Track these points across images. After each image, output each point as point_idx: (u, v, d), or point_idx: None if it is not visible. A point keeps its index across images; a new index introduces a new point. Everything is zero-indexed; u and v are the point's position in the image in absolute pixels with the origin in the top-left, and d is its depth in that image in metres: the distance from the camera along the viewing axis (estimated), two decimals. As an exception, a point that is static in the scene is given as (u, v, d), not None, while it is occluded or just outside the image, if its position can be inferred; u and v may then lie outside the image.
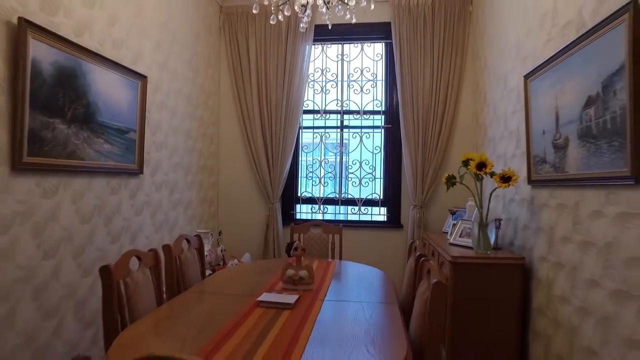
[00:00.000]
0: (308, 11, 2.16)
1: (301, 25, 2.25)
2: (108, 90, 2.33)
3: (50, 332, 1.95)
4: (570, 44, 1.89)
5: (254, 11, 2.09)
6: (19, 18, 1.70)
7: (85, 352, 2.18)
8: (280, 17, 2.20)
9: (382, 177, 3.93)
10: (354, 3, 2.13)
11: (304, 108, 3.94)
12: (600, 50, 1.66)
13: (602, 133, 1.66)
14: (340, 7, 2.15)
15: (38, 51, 1.82)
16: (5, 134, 1.70)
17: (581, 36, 1.79)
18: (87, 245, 2.21)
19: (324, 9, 2.11)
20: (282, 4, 2.15)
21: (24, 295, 1.81)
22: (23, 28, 1.72)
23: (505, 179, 2.33)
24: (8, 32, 1.69)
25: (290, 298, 1.66)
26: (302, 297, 1.73)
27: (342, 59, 3.99)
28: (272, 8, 2.15)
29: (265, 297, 1.68)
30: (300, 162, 4.07)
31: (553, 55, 2.06)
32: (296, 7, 2.07)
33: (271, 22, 2.18)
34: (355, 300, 1.79)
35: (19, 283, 1.77)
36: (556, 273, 2.06)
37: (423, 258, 1.69)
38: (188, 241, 2.18)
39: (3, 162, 1.69)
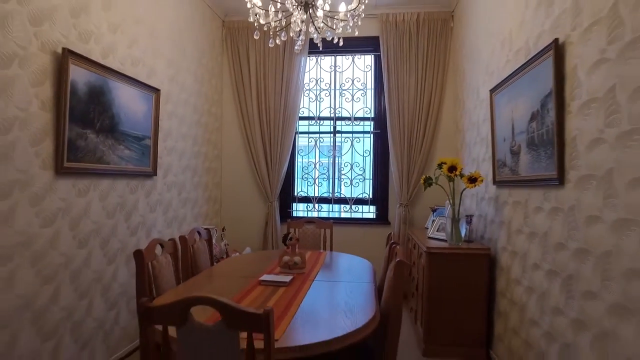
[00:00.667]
0: (302, 36, 2.52)
1: (296, 47, 2.61)
2: (128, 103, 2.69)
3: (83, 310, 2.31)
4: (520, 67, 2.25)
5: (255, 37, 2.45)
6: (63, 49, 2.06)
7: (106, 333, 2.53)
8: (277, 41, 2.56)
9: (371, 178, 4.30)
10: (340, 30, 2.49)
11: (300, 115, 4.30)
12: (539, 75, 2.03)
13: (540, 143, 2.03)
14: (329, 32, 2.51)
15: (76, 74, 2.18)
16: (51, 144, 2.05)
17: (527, 62, 2.16)
18: (111, 237, 2.56)
19: (315, 35, 2.47)
20: (279, 30, 2.51)
21: (65, 278, 2.16)
22: (65, 56, 2.08)
23: (472, 180, 2.70)
24: (54, 60, 2.05)
25: (286, 278, 2.02)
26: (295, 278, 2.09)
27: (335, 70, 4.36)
28: (271, 33, 2.51)
29: (265, 277, 2.05)
30: (296, 164, 4.43)
31: (509, 75, 2.43)
32: (291, 33, 2.43)
33: (270, 45, 2.54)
34: (340, 281, 2.15)
35: (60, 268, 2.13)
36: (512, 260, 2.43)
37: (394, 244, 2.05)
38: (199, 234, 2.54)
39: (49, 167, 2.05)
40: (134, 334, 2.81)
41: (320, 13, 2.38)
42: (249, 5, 2.34)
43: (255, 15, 2.37)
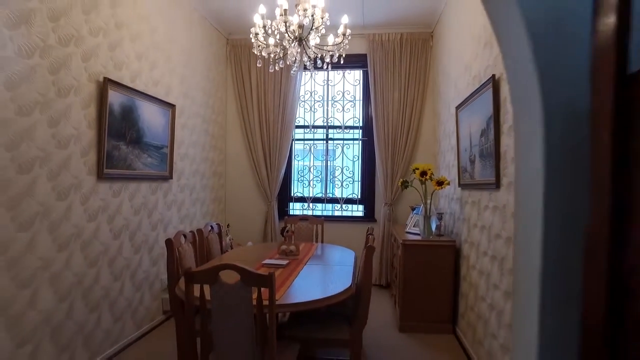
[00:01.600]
0: (297, 62, 3.03)
1: (292, 72, 3.12)
2: (150, 118, 3.20)
3: (117, 292, 2.82)
4: (475, 90, 2.77)
5: (257, 65, 2.96)
6: (104, 78, 2.57)
7: (134, 310, 3.03)
8: (276, 67, 3.06)
9: (359, 180, 4.81)
10: (329, 60, 3.00)
11: (296, 123, 4.81)
12: (485, 100, 2.55)
13: (487, 155, 2.55)
14: (319, 62, 3.03)
15: (112, 97, 2.68)
16: (94, 155, 2.56)
17: (478, 88, 2.67)
18: (137, 231, 3.07)
19: (308, 63, 2.97)
20: (278, 59, 3.02)
21: (104, 263, 2.67)
22: (105, 84, 2.58)
23: (439, 183, 3.21)
24: (97, 87, 2.55)
25: (284, 262, 2.53)
26: (291, 262, 2.60)
27: (327, 83, 4.87)
28: (271, 61, 3.02)
29: (267, 261, 2.56)
30: (293, 168, 4.94)
31: (469, 96, 2.95)
32: (288, 62, 2.94)
33: (270, 70, 3.04)
34: (326, 264, 2.66)
35: (100, 255, 2.63)
36: (471, 250, 2.95)
37: (369, 235, 2.57)
38: (212, 227, 3.05)
39: (93, 173, 2.55)
40: (156, 312, 3.31)
41: (312, 43, 2.89)
42: (253, 40, 2.85)
43: (258, 46, 2.88)
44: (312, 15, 2.66)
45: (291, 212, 4.95)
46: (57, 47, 2.23)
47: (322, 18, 2.72)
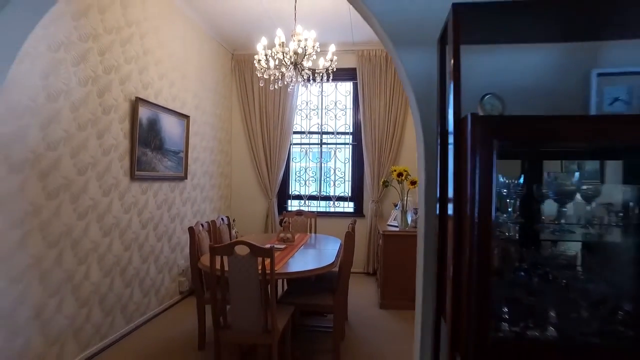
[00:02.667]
0: (293, 82, 3.63)
1: (289, 89, 3.72)
2: (169, 128, 3.79)
3: (144, 272, 3.42)
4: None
5: (260, 84, 3.56)
6: (136, 97, 3.17)
7: (157, 289, 3.62)
8: (275, 86, 3.66)
9: (350, 180, 5.42)
10: (319, 80, 3.60)
11: (294, 130, 5.41)
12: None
13: (445, 159, 3.14)
14: (312, 81, 3.63)
15: (141, 112, 3.28)
16: (128, 160, 3.16)
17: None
18: (159, 223, 3.67)
19: (302, 82, 3.57)
20: (276, 80, 3.62)
21: (135, 248, 3.27)
22: (137, 102, 3.18)
23: (413, 182, 3.82)
24: (130, 105, 3.15)
25: (282, 246, 3.13)
26: (288, 247, 3.20)
27: (322, 94, 5.47)
28: (271, 80, 3.62)
29: (268, 245, 3.15)
30: (291, 169, 5.54)
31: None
32: (285, 83, 3.54)
33: (270, 89, 3.64)
34: (317, 248, 3.26)
35: (132, 241, 3.23)
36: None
37: (350, 225, 3.17)
38: (223, 220, 3.65)
39: (127, 175, 3.15)
40: (174, 292, 3.91)
41: (305, 65, 3.49)
42: (256, 64, 3.45)
43: (261, 69, 3.48)
44: (305, 45, 3.26)
45: (289, 209, 5.55)
46: (103, 75, 2.83)
47: (313, 47, 3.32)
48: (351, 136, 5.43)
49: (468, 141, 1.12)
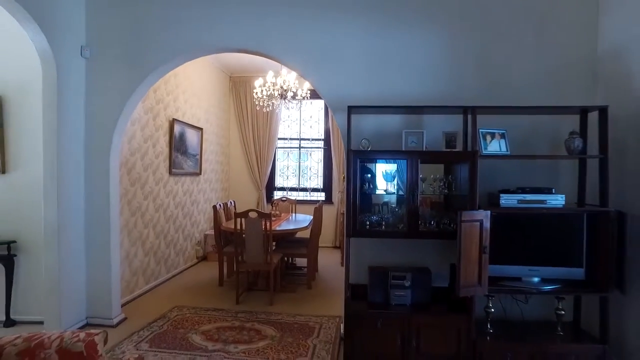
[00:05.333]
0: (280, 105, 5.17)
1: (276, 111, 5.26)
2: (191, 137, 5.28)
3: (176, 239, 4.91)
4: (379, 126, 4.98)
5: (257, 108, 5.10)
6: (173, 118, 4.66)
7: (183, 252, 5.11)
8: (267, 109, 5.20)
9: (322, 175, 7.00)
10: (300, 99, 5.15)
11: (279, 137, 6.95)
12: (380, 132, 4.76)
13: (381, 161, 4.77)
14: (294, 101, 5.19)
15: (176, 128, 4.77)
16: (168, 162, 4.64)
17: (379, 125, 4.89)
18: (184, 206, 5.16)
19: (287, 104, 5.12)
20: (268, 105, 5.15)
21: (171, 222, 4.76)
22: (173, 121, 4.67)
23: (364, 177, 5.43)
24: (169, 124, 4.64)
25: (274, 218, 4.70)
26: (277, 219, 4.76)
27: (300, 109, 7.02)
28: (263, 104, 5.15)
29: (263, 219, 4.73)
30: (276, 167, 7.09)
31: (378, 127, 5.15)
32: (274, 107, 5.09)
33: (264, 110, 5.18)
34: (296, 221, 4.83)
35: (170, 217, 4.73)
36: (379, 214, 5.18)
37: (317, 206, 4.75)
38: (231, 203, 5.16)
39: (167, 172, 4.64)
40: (193, 257, 5.42)
41: (289, 95, 5.04)
42: (254, 95, 4.99)
43: (257, 99, 5.02)
44: (288, 83, 4.83)
45: (275, 198, 7.10)
46: (155, 106, 4.32)
47: (294, 84, 4.88)
48: (323, 142, 7.01)
49: (352, 159, 2.71)
